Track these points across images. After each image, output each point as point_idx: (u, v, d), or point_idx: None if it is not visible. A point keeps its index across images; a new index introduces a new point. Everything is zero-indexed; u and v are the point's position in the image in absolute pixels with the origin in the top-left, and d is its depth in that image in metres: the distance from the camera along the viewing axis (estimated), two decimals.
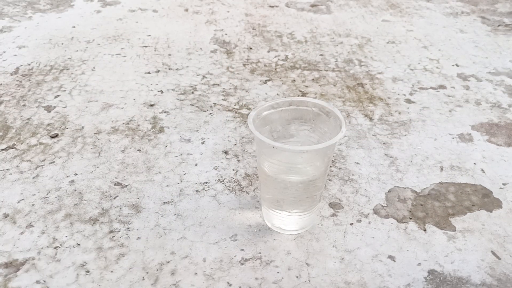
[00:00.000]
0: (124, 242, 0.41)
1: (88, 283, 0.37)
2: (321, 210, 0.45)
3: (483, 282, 0.38)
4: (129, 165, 0.51)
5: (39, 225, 0.43)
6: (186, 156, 0.53)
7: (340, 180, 0.49)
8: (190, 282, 0.38)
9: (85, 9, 0.96)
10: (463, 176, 0.50)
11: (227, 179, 0.49)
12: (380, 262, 0.40)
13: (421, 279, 0.38)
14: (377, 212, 0.45)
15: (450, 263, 0.40)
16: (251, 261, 0.40)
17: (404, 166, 0.51)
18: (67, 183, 0.48)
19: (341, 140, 0.56)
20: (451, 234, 0.43)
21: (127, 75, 0.70)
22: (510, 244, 0.42)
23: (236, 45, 0.81)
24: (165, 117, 0.60)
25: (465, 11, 0.97)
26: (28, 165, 0.51)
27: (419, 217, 0.44)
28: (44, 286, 0.37)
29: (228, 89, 0.67)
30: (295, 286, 0.37)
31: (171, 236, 0.42)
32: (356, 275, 0.38)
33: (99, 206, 0.45)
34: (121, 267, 0.39)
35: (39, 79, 0.69)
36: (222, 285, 0.37)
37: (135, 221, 0.44)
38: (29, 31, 0.86)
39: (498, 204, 0.46)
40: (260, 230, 0.43)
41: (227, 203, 0.46)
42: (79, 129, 0.57)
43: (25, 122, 0.59)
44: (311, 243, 0.41)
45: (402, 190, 0.48)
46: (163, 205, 0.46)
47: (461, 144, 0.56)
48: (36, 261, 0.39)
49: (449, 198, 0.47)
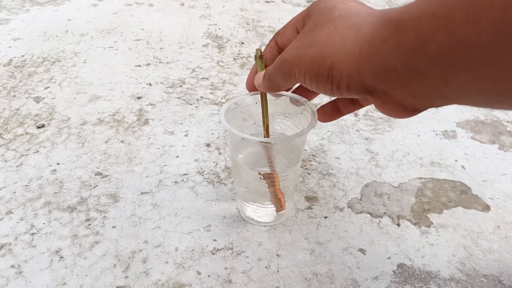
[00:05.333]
0: (99, 230, 0.42)
1: (61, 268, 0.38)
2: (297, 203, 0.45)
3: (451, 277, 0.38)
4: (111, 156, 0.52)
5: (18, 212, 0.44)
6: (168, 148, 0.53)
7: (319, 174, 0.50)
8: (160, 270, 0.38)
9: (82, 2, 0.97)
10: (443, 172, 0.50)
11: (207, 171, 0.50)
12: (350, 255, 0.40)
13: (390, 273, 0.38)
14: (352, 206, 0.45)
15: (421, 257, 0.40)
16: (222, 251, 0.40)
17: (384, 161, 0.51)
18: (49, 172, 0.49)
19: (323, 135, 0.56)
20: (424, 229, 0.43)
21: (117, 67, 0.71)
22: (483, 240, 0.42)
23: (229, 40, 0.81)
24: (151, 110, 0.61)
25: None
26: (13, 154, 0.52)
27: (393, 211, 0.45)
28: (18, 270, 0.38)
29: (217, 83, 0.67)
30: (263, 276, 0.38)
31: (146, 225, 0.43)
32: (324, 267, 0.39)
33: (78, 195, 0.46)
34: (94, 254, 0.40)
35: (31, 71, 0.70)
36: (192, 273, 0.38)
37: (112, 210, 0.44)
38: (25, 23, 0.87)
39: (475, 201, 0.46)
40: (234, 221, 0.43)
41: (204, 195, 0.46)
42: (65, 119, 0.58)
43: (13, 112, 0.60)
44: (284, 235, 0.42)
45: (380, 185, 0.48)
46: (141, 195, 0.46)
47: (444, 140, 0.55)
48: (12, 247, 0.40)
49: (426, 194, 0.47)
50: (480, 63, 0.18)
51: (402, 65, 0.22)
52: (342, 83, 0.25)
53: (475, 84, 0.19)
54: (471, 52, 0.18)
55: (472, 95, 0.20)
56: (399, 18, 0.22)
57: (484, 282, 0.38)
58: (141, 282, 0.37)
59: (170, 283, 0.37)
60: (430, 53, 0.20)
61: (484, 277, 0.38)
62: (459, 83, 0.20)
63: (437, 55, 0.20)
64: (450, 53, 0.19)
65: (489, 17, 0.17)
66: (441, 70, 0.20)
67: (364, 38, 0.23)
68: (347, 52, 0.24)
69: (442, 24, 0.19)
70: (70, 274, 0.38)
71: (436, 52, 0.20)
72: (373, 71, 0.23)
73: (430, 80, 0.21)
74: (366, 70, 0.24)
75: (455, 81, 0.20)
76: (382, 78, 0.23)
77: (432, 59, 0.20)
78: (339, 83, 0.25)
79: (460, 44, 0.19)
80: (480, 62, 0.18)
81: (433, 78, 0.21)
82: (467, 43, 0.18)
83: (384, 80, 0.23)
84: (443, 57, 0.20)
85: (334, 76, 0.25)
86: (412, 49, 0.21)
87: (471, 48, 0.18)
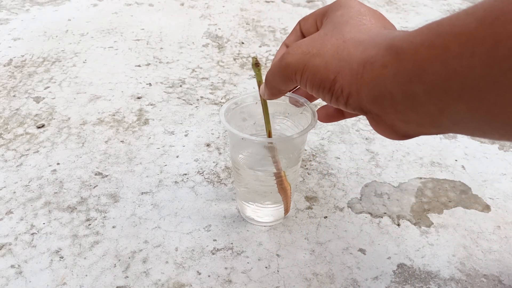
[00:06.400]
0: (99, 230, 0.42)
1: (61, 268, 0.38)
2: (297, 203, 0.45)
3: (451, 277, 0.38)
4: (111, 156, 0.52)
5: (18, 212, 0.44)
6: (168, 148, 0.53)
7: (319, 174, 0.50)
8: (160, 270, 0.38)
9: (82, 2, 0.97)
10: (443, 172, 0.50)
11: (207, 171, 0.50)
12: (350, 254, 0.40)
13: (390, 273, 0.38)
14: (352, 206, 0.45)
15: (421, 257, 0.40)
16: (222, 251, 0.40)
17: (384, 161, 0.51)
18: (49, 172, 0.49)
19: (323, 135, 0.56)
20: (424, 229, 0.43)
21: (117, 67, 0.71)
22: (483, 240, 0.42)
23: (229, 40, 0.81)
24: (151, 110, 0.61)
25: (463, 9, 0.96)
26: (13, 154, 0.52)
27: (393, 211, 0.45)
28: (18, 270, 0.38)
29: (216, 83, 0.67)
30: (263, 276, 0.38)
31: (146, 225, 0.43)
32: (325, 267, 0.39)
33: (78, 195, 0.46)
34: (94, 254, 0.40)
35: (31, 71, 0.70)
36: (192, 273, 0.38)
37: (112, 210, 0.44)
38: (25, 23, 0.87)
39: (475, 201, 0.46)
40: (234, 221, 0.43)
41: (204, 195, 0.46)
42: (65, 119, 0.58)
43: (13, 112, 0.60)
44: (284, 235, 0.42)
45: (380, 185, 0.48)
46: (141, 195, 0.46)
47: (444, 140, 0.55)
48: (12, 247, 0.40)
49: (426, 194, 0.47)
50: (474, 94, 0.19)
51: (398, 91, 0.22)
52: (341, 99, 0.26)
53: (469, 114, 0.20)
54: (465, 83, 0.19)
55: (466, 125, 0.21)
56: (399, 46, 0.22)
57: (484, 282, 0.38)
58: (141, 282, 0.37)
59: (170, 283, 0.37)
60: (427, 81, 0.21)
61: (484, 277, 0.38)
62: (453, 112, 0.21)
63: (433, 84, 0.20)
64: (446, 83, 0.20)
65: (481, 51, 0.18)
66: (437, 99, 0.21)
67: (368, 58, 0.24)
68: (351, 70, 0.24)
69: (438, 54, 0.20)
70: (70, 274, 0.38)
71: (432, 81, 0.20)
72: (371, 94, 0.24)
73: (425, 108, 0.22)
74: (365, 92, 0.24)
75: (449, 110, 0.21)
76: (377, 103, 0.24)
77: (428, 87, 0.21)
78: (338, 97, 0.26)
79: (454, 74, 0.19)
80: (474, 93, 0.19)
81: (428, 106, 0.21)
82: (461, 74, 0.19)
83: (379, 105, 0.24)
84: (438, 86, 0.20)
85: (336, 89, 0.25)
86: (409, 77, 0.21)
87: (465, 79, 0.19)
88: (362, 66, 0.24)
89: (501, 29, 0.17)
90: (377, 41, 0.24)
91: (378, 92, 0.23)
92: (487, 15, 0.18)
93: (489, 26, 0.18)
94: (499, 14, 0.18)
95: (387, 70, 0.22)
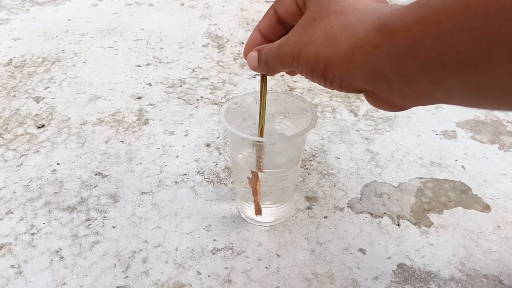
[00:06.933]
0: (99, 230, 0.42)
1: (61, 268, 0.38)
2: (297, 203, 0.45)
3: (451, 277, 0.38)
4: (111, 156, 0.52)
5: (18, 212, 0.44)
6: (168, 148, 0.53)
7: (319, 174, 0.50)
8: (160, 270, 0.38)
9: (82, 2, 0.97)
10: (443, 172, 0.50)
11: (207, 171, 0.50)
12: (350, 254, 0.40)
13: (390, 273, 0.38)
14: (352, 206, 0.45)
15: (421, 257, 0.40)
16: (222, 251, 0.40)
17: (384, 161, 0.51)
18: (49, 172, 0.49)
19: (323, 135, 0.56)
20: (424, 229, 0.43)
21: (117, 67, 0.71)
22: (483, 240, 0.42)
23: (229, 40, 0.81)
24: (151, 110, 0.61)
25: None
26: (13, 154, 0.52)
27: (393, 211, 0.45)
28: (18, 270, 0.38)
29: (216, 83, 0.67)
30: (263, 276, 0.38)
31: (146, 225, 0.43)
32: (325, 267, 0.39)
33: (78, 195, 0.46)
34: (94, 254, 0.40)
35: (31, 71, 0.70)
36: (192, 273, 0.38)
37: (112, 210, 0.44)
38: (25, 23, 0.87)
39: (475, 201, 0.46)
40: (234, 221, 0.43)
41: (204, 195, 0.46)
42: (65, 119, 0.58)
43: (13, 112, 0.60)
44: (284, 235, 0.42)
45: (380, 185, 0.48)
46: (141, 195, 0.46)
47: (444, 140, 0.55)
48: (12, 247, 0.40)
49: (426, 194, 0.47)
50: (466, 68, 0.19)
51: (392, 70, 0.22)
52: (335, 83, 0.26)
53: (462, 86, 0.20)
54: (457, 57, 0.19)
55: (460, 97, 0.21)
56: (391, 25, 0.22)
57: (484, 282, 0.38)
58: (141, 282, 0.37)
59: (170, 283, 0.37)
60: (420, 57, 0.21)
61: (484, 277, 0.38)
62: (447, 86, 0.21)
63: (427, 60, 0.20)
64: (438, 58, 0.20)
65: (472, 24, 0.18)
66: (430, 74, 0.21)
67: (357, 42, 0.24)
68: (340, 55, 0.25)
69: (430, 29, 0.20)
70: (70, 274, 0.38)
71: (425, 57, 0.20)
72: (364, 75, 0.24)
73: (419, 83, 0.22)
74: (358, 74, 0.24)
75: (443, 84, 0.21)
76: (372, 82, 0.24)
77: (421, 63, 0.21)
78: (331, 82, 0.26)
79: (447, 48, 0.19)
80: (466, 66, 0.19)
81: (422, 81, 0.22)
82: (453, 48, 0.19)
83: (374, 84, 0.24)
84: (432, 61, 0.20)
85: (328, 75, 0.26)
86: (402, 55, 0.22)
87: (457, 53, 0.19)
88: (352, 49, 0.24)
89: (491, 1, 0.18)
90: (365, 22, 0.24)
91: (371, 73, 0.24)
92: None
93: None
94: None
95: (380, 51, 0.23)
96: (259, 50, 0.32)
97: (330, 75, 0.26)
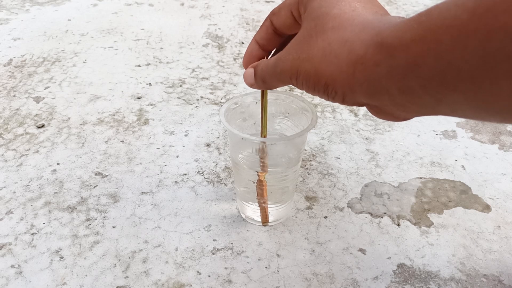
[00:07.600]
0: (99, 230, 0.42)
1: (61, 268, 0.38)
2: (297, 203, 0.45)
3: (451, 277, 0.38)
4: (111, 156, 0.52)
5: (18, 212, 0.44)
6: (168, 148, 0.53)
7: (319, 174, 0.50)
8: (160, 270, 0.38)
9: (82, 2, 0.97)
10: (443, 172, 0.50)
11: (207, 171, 0.50)
12: (350, 254, 0.40)
13: (390, 273, 0.38)
14: (352, 206, 0.45)
15: (421, 257, 0.40)
16: (222, 251, 0.40)
17: (384, 161, 0.51)
18: (49, 172, 0.49)
19: (323, 135, 0.56)
20: (424, 229, 0.43)
21: (117, 67, 0.71)
22: (483, 240, 0.42)
23: (229, 40, 0.81)
24: (151, 110, 0.61)
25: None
26: (13, 154, 0.52)
27: (393, 211, 0.45)
28: (18, 270, 0.38)
29: (217, 83, 0.67)
30: (263, 276, 0.38)
31: (146, 225, 0.43)
32: (325, 267, 0.39)
33: (78, 195, 0.46)
34: (94, 254, 0.40)
35: (31, 71, 0.70)
36: (192, 273, 0.38)
37: (112, 210, 0.44)
38: (25, 23, 0.87)
39: (475, 201, 0.46)
40: (234, 221, 0.43)
41: (204, 195, 0.46)
42: (65, 119, 0.58)
43: (13, 112, 0.60)
44: (284, 235, 0.42)
45: (380, 184, 0.48)
46: (141, 195, 0.46)
47: (444, 140, 0.55)
48: (12, 247, 0.40)
49: (426, 194, 0.47)
50: (469, 85, 0.19)
51: (394, 87, 0.22)
52: (337, 98, 0.26)
53: (466, 102, 0.20)
54: (460, 75, 0.19)
55: (464, 111, 0.21)
56: (390, 44, 0.22)
57: (484, 282, 0.38)
58: (141, 282, 0.37)
59: (170, 283, 0.37)
60: (422, 76, 0.21)
61: (484, 277, 0.38)
62: (451, 102, 0.21)
63: (429, 78, 0.20)
64: (441, 75, 0.20)
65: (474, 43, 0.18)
66: (433, 91, 0.21)
67: (357, 59, 0.24)
68: (341, 72, 0.25)
69: (431, 48, 0.20)
70: (70, 274, 0.38)
71: (427, 75, 0.20)
72: (366, 92, 0.24)
73: (423, 99, 0.22)
74: (360, 91, 0.24)
75: (447, 100, 0.21)
76: (374, 98, 0.24)
77: (424, 81, 0.21)
78: (334, 97, 0.26)
79: (449, 67, 0.19)
80: (469, 84, 0.19)
81: (426, 98, 0.22)
82: (456, 67, 0.19)
83: (376, 99, 0.24)
84: (434, 79, 0.20)
85: (330, 92, 0.26)
86: (403, 73, 0.22)
87: (460, 71, 0.19)
88: (352, 66, 0.24)
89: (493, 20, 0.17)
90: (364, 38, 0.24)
91: (373, 89, 0.24)
92: (477, 6, 0.18)
93: (480, 18, 0.18)
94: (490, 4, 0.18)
95: (381, 68, 0.23)
96: (255, 67, 0.33)
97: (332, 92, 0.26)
